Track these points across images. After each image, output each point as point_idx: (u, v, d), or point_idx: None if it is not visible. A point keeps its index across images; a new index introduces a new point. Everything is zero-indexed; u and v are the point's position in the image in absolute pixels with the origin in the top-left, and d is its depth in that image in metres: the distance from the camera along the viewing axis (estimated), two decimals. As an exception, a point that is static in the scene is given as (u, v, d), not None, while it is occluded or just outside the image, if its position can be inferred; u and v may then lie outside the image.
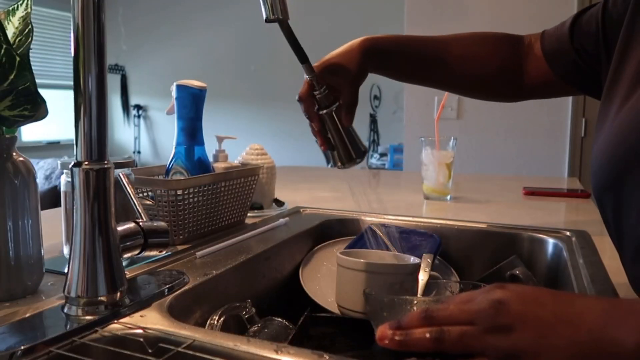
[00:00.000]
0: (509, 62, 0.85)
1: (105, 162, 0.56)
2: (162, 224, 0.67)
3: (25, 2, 0.63)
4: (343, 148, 0.81)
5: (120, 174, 0.68)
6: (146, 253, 0.65)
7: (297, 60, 0.77)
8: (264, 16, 0.70)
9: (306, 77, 0.79)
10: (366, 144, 4.78)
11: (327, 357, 0.46)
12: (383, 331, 0.46)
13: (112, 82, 5.97)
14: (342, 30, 4.68)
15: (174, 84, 0.90)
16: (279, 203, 1.20)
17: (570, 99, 2.51)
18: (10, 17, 0.62)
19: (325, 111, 0.79)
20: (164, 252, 0.69)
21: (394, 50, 0.85)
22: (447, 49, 0.85)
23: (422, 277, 0.75)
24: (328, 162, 0.84)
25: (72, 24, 0.54)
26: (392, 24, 4.09)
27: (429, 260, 0.78)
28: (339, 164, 0.82)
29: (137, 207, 0.67)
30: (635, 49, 0.60)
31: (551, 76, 0.81)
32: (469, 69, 0.86)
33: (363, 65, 0.82)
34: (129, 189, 0.68)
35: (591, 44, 0.72)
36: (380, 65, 0.85)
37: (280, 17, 0.70)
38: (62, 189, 0.76)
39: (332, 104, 0.79)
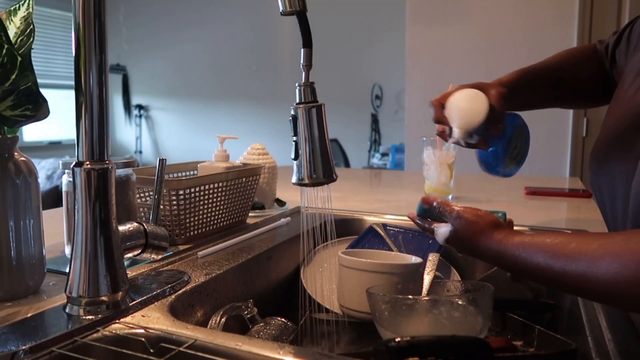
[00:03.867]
0: (605, 73, 0.89)
1: (107, 162, 0.56)
2: (164, 229, 0.67)
3: (27, 2, 0.63)
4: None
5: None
6: (144, 255, 0.65)
7: (299, 60, 0.75)
8: (280, 8, 0.63)
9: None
10: (368, 143, 4.79)
11: (328, 357, 0.46)
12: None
13: (114, 82, 5.98)
14: (343, 31, 4.68)
15: None
16: (281, 203, 1.20)
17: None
18: (12, 17, 0.62)
19: None
20: (158, 257, 0.69)
21: (522, 85, 0.87)
22: (561, 74, 0.90)
23: (427, 276, 0.74)
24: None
25: (73, 23, 0.54)
26: (394, 24, 4.09)
27: (434, 259, 0.78)
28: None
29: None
30: None
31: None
32: (584, 88, 0.92)
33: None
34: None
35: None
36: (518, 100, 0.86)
37: (298, 9, 0.62)
38: (64, 188, 0.76)
39: None
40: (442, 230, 0.69)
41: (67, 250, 0.78)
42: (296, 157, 0.66)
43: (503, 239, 0.60)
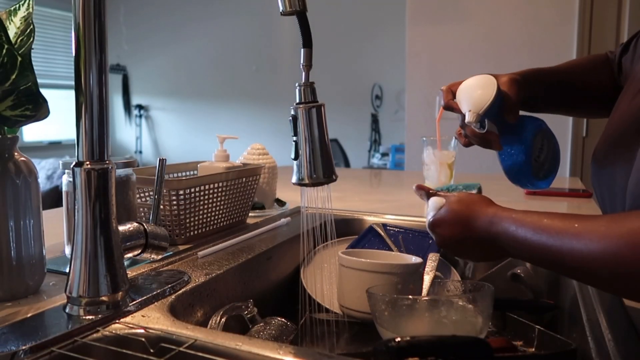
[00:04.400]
0: (615, 82, 0.89)
1: (107, 162, 0.56)
2: (164, 229, 0.67)
3: (27, 2, 0.63)
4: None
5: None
6: (144, 255, 0.65)
7: (299, 60, 0.75)
8: (280, 8, 0.63)
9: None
10: (368, 143, 4.79)
11: (328, 357, 0.46)
12: None
13: (114, 82, 5.98)
14: (343, 31, 4.67)
15: None
16: (281, 203, 1.20)
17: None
18: (12, 17, 0.62)
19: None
20: (158, 257, 0.69)
21: (533, 80, 0.85)
22: (573, 78, 0.89)
23: (427, 276, 0.74)
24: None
25: (73, 23, 0.54)
26: (394, 24, 4.09)
27: (434, 260, 0.78)
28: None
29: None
30: None
31: None
32: (595, 95, 0.91)
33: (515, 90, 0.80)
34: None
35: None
36: (529, 94, 0.83)
37: (298, 9, 0.62)
38: (64, 188, 0.76)
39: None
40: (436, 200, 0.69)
41: (67, 250, 0.78)
42: (296, 157, 0.66)
43: (497, 211, 0.61)
